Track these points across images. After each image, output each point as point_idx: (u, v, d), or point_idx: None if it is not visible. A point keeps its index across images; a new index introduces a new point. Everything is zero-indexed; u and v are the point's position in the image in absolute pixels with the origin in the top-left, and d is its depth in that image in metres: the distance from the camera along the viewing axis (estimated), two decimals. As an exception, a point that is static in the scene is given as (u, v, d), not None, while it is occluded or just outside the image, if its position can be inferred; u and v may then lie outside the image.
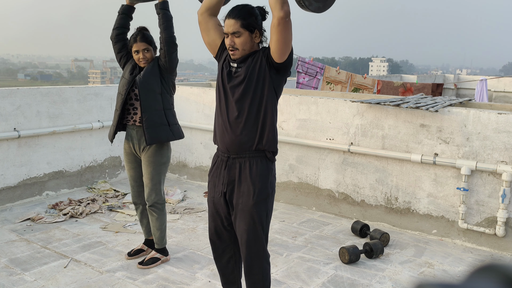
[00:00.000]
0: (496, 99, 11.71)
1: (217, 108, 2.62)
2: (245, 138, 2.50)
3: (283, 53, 2.42)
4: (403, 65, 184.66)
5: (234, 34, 2.44)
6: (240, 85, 2.49)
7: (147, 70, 3.49)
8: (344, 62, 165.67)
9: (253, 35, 2.48)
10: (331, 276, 3.53)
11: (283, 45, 2.39)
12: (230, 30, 2.44)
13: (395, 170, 4.55)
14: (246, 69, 2.49)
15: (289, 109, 5.17)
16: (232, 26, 2.44)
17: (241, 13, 2.44)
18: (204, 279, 3.44)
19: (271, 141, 2.55)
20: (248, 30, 2.45)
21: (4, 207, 4.92)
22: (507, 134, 3.95)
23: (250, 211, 2.51)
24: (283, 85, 2.60)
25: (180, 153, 6.26)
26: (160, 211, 3.62)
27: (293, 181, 5.23)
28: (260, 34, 2.52)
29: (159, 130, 3.48)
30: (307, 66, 8.05)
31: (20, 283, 3.31)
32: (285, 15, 2.32)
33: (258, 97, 2.49)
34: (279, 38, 2.36)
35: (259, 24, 2.50)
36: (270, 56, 2.44)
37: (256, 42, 2.52)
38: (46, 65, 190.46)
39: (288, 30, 2.37)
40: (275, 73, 2.50)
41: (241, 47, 2.47)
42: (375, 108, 4.60)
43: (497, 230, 4.03)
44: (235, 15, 2.44)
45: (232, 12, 2.46)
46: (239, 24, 2.43)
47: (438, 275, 3.65)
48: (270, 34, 2.41)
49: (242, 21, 2.43)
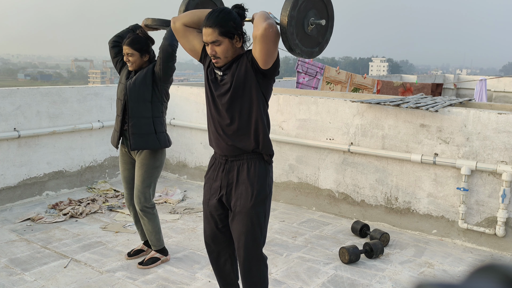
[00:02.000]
0: (496, 99, 11.71)
1: (208, 114, 2.58)
2: (240, 144, 2.49)
3: (266, 63, 2.37)
4: (403, 65, 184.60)
5: (213, 43, 2.37)
6: (227, 93, 2.45)
7: (139, 77, 3.45)
8: (344, 62, 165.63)
9: (233, 41, 2.40)
10: (331, 276, 3.53)
11: (266, 56, 2.33)
12: (209, 39, 2.37)
13: (395, 170, 4.55)
14: (231, 76, 2.44)
15: (289, 109, 5.17)
16: (210, 35, 2.36)
17: (217, 21, 2.35)
18: (204, 279, 3.44)
19: (266, 144, 2.54)
20: (227, 37, 2.37)
21: (4, 207, 4.92)
22: (507, 134, 3.95)
23: (248, 213, 2.50)
24: (271, 88, 2.56)
25: (180, 153, 6.26)
26: (150, 215, 3.59)
27: (293, 181, 5.23)
28: (241, 38, 2.44)
29: (145, 137, 3.46)
30: (307, 66, 8.05)
31: (20, 283, 3.31)
32: (268, 26, 2.26)
33: (247, 103, 2.46)
34: (261, 49, 2.31)
35: (238, 28, 2.41)
36: (255, 61, 2.39)
37: (238, 46, 2.45)
38: (46, 65, 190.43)
39: (271, 41, 2.29)
40: (262, 77, 2.45)
41: (223, 55, 2.40)
42: (375, 108, 4.60)
43: (497, 230, 4.03)
44: (211, 23, 2.35)
45: (208, 20, 2.36)
46: (217, 33, 2.35)
47: (438, 275, 3.65)
48: (253, 43, 2.34)
49: (220, 28, 2.34)
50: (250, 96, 2.46)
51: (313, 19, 2.51)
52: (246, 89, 2.45)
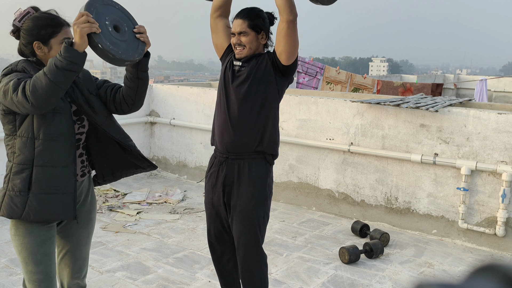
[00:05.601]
0: (496, 99, 11.72)
1: (217, 107, 2.62)
2: (245, 139, 2.50)
3: (291, 55, 2.48)
4: (403, 65, 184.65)
5: (240, 34, 2.50)
6: (243, 84, 2.51)
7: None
8: (344, 62, 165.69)
9: (259, 35, 2.53)
10: (331, 276, 3.53)
11: (292, 48, 2.45)
12: (237, 29, 2.50)
13: (395, 170, 4.55)
14: (250, 69, 2.52)
15: (289, 109, 5.17)
16: (239, 26, 2.50)
17: (249, 14, 2.51)
18: (204, 279, 3.44)
19: (272, 144, 2.56)
20: (254, 31, 2.51)
21: (4, 207, 4.92)
22: (507, 134, 3.95)
23: (248, 214, 2.51)
24: (285, 89, 2.64)
25: (180, 153, 6.26)
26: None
27: (293, 181, 5.23)
28: (267, 36, 2.56)
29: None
30: (307, 66, 8.06)
31: (20, 283, 3.30)
32: (294, 18, 2.40)
33: (260, 98, 2.51)
34: (288, 41, 2.42)
35: (266, 27, 2.55)
36: (276, 59, 2.49)
37: (262, 43, 2.56)
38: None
39: (295, 33, 2.44)
40: (281, 76, 2.54)
41: (248, 45, 2.51)
42: (375, 108, 4.60)
43: (497, 230, 4.03)
44: (243, 15, 2.51)
45: (240, 13, 2.54)
46: (246, 24, 2.49)
47: (438, 275, 3.65)
48: (277, 37, 2.46)
49: (250, 21, 2.49)
50: (265, 91, 2.52)
51: None
52: (262, 85, 2.51)
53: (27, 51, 2.11)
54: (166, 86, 6.35)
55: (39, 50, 2.09)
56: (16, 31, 2.12)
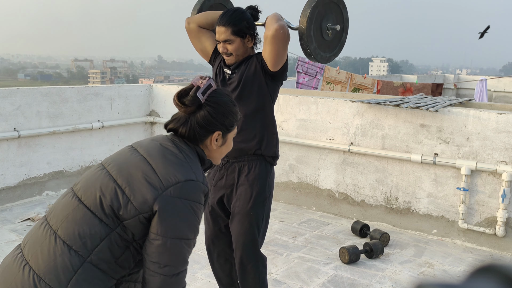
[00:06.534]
0: (496, 99, 11.72)
1: None
2: (242, 144, 2.49)
3: (276, 63, 2.42)
4: (403, 65, 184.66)
5: (226, 42, 2.43)
6: (234, 91, 2.48)
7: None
8: (344, 62, 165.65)
9: (245, 40, 2.46)
10: (331, 276, 3.53)
11: (275, 57, 2.39)
12: (222, 37, 2.43)
13: (395, 170, 4.55)
14: (240, 75, 2.48)
15: (289, 109, 5.17)
16: (223, 34, 2.41)
17: (231, 20, 2.41)
18: (204, 279, 3.44)
19: (270, 146, 2.55)
20: (239, 37, 2.43)
21: (4, 207, 4.92)
22: (507, 134, 3.95)
23: (247, 214, 2.49)
24: (278, 91, 2.60)
25: (180, 153, 6.25)
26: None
27: (293, 181, 5.23)
28: (253, 38, 2.50)
29: None
30: (307, 66, 8.05)
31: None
32: (279, 27, 2.32)
33: (253, 103, 2.48)
34: (271, 50, 2.36)
35: (250, 28, 2.47)
36: (264, 63, 2.43)
37: (249, 46, 2.50)
38: (46, 65, 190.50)
39: (280, 42, 2.35)
40: (271, 80, 2.49)
41: (235, 52, 2.46)
42: (375, 108, 4.60)
43: (497, 230, 4.03)
44: (225, 22, 2.41)
45: (222, 19, 2.43)
46: (230, 32, 2.41)
47: (438, 275, 3.65)
48: (264, 44, 2.40)
49: (233, 27, 2.40)
50: (256, 96, 2.49)
51: (329, 25, 2.62)
52: (254, 89, 2.48)
53: (202, 139, 1.58)
54: (166, 86, 6.35)
55: (215, 143, 1.61)
56: (194, 105, 1.56)
